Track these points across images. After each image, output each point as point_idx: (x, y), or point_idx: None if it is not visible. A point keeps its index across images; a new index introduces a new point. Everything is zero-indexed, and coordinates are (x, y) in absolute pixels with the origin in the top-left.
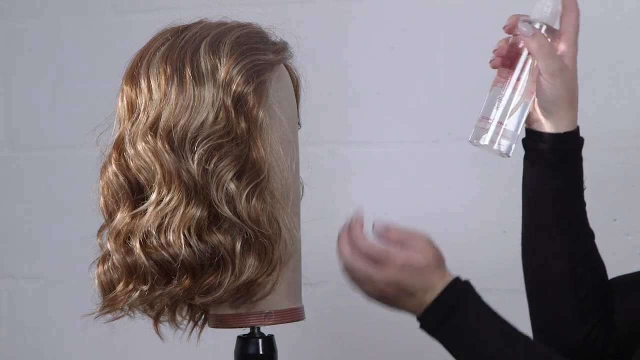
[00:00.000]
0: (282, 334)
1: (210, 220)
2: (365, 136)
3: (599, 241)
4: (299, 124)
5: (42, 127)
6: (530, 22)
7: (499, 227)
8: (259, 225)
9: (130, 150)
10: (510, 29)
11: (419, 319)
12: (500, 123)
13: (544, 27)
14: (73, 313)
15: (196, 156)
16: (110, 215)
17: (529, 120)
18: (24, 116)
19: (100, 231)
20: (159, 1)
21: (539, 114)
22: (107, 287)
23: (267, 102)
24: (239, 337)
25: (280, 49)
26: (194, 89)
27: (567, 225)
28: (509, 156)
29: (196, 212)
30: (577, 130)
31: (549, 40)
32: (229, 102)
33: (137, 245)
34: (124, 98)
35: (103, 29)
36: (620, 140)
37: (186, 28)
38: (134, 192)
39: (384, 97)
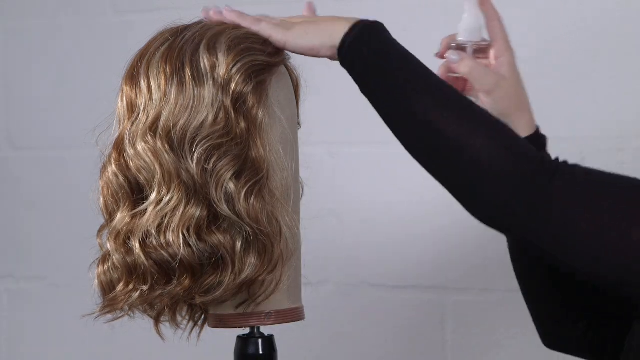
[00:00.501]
0: (282, 334)
1: (209, 219)
2: (365, 136)
3: None
4: (298, 123)
5: (42, 127)
6: (458, 45)
7: None
8: (259, 224)
9: (130, 150)
10: (443, 55)
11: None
12: None
13: (473, 46)
14: (73, 313)
15: (195, 156)
16: (110, 215)
17: None
18: (24, 116)
19: (100, 231)
20: (158, 1)
21: None
22: (107, 287)
23: (267, 102)
24: (238, 337)
25: (278, 50)
26: (193, 89)
27: None
28: None
29: (196, 211)
30: (536, 132)
31: (484, 53)
32: (228, 102)
33: (137, 245)
34: (124, 98)
35: (103, 29)
36: (620, 140)
37: (186, 28)
38: (134, 192)
39: None
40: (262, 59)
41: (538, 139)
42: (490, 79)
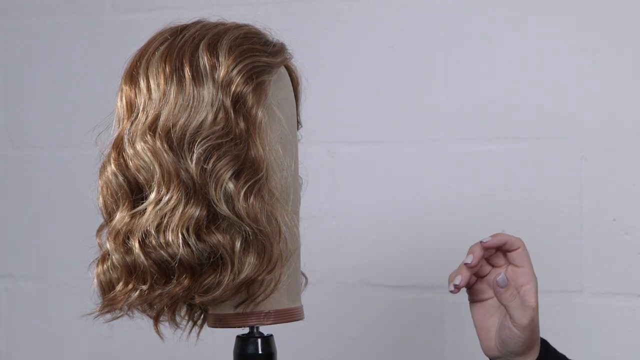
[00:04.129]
0: (281, 333)
1: (209, 219)
2: (365, 136)
3: (598, 241)
4: (299, 123)
5: (42, 126)
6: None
7: (499, 227)
8: (258, 224)
9: (129, 150)
10: (475, 264)
11: None
12: None
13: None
14: (73, 313)
15: (195, 156)
16: (110, 215)
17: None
18: (24, 115)
19: (99, 231)
20: (158, 1)
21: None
22: (106, 287)
23: (266, 102)
24: (238, 336)
25: (278, 50)
26: (193, 89)
27: None
28: None
29: (195, 211)
30: (542, 350)
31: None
32: (228, 102)
33: (136, 244)
34: (123, 98)
35: (103, 29)
36: (620, 140)
37: (185, 28)
38: (133, 192)
39: (384, 96)
40: (264, 60)
41: (547, 347)
42: (528, 314)
